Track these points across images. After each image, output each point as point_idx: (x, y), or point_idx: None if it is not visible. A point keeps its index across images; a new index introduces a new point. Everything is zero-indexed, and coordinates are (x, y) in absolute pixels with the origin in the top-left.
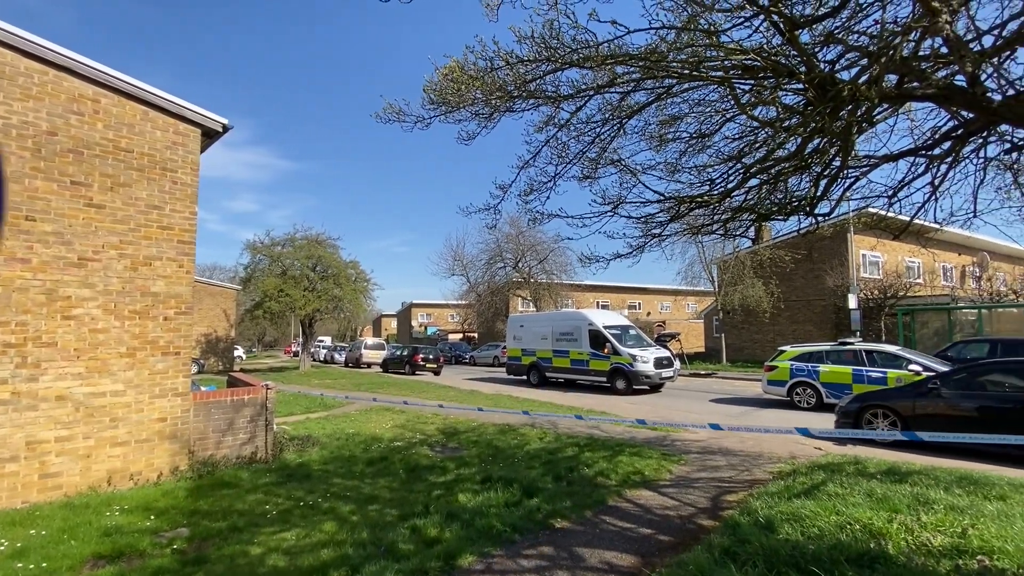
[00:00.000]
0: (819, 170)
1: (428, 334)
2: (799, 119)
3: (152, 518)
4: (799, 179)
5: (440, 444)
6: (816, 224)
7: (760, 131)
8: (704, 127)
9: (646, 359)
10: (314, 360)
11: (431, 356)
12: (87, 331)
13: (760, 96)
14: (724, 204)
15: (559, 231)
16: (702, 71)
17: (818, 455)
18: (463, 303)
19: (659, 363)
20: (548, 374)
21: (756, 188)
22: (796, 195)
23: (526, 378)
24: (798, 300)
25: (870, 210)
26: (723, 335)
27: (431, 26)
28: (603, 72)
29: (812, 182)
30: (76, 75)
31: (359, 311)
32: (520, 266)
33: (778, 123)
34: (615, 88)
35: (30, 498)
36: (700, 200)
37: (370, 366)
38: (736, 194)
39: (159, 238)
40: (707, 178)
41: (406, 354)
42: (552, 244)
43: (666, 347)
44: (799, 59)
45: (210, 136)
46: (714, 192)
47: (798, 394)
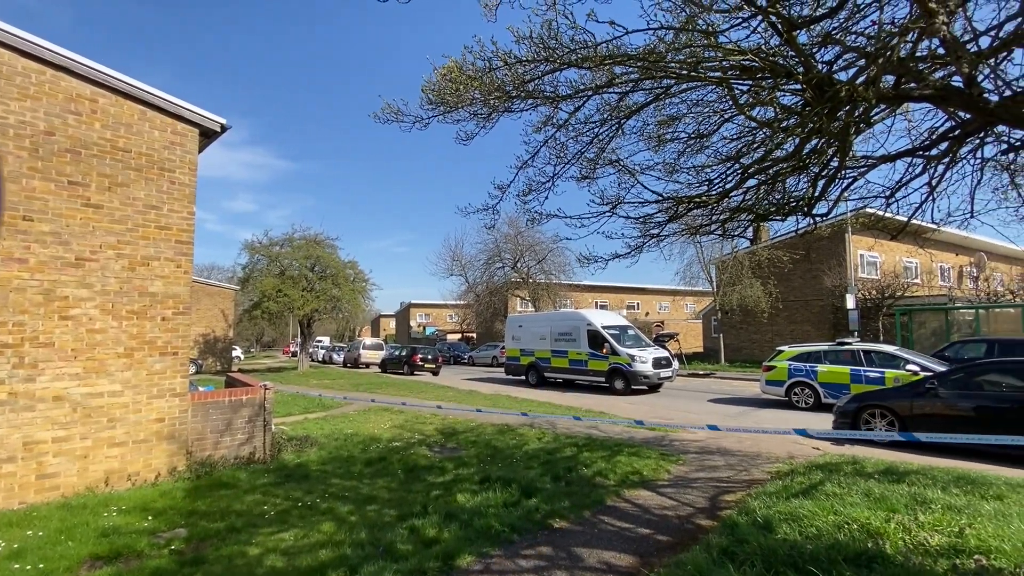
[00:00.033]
0: (817, 170)
1: (427, 334)
2: (797, 119)
3: (150, 519)
4: (797, 179)
5: (439, 444)
6: (814, 224)
7: (758, 131)
8: (702, 127)
9: (644, 359)
10: (312, 360)
11: (430, 356)
12: (84, 331)
13: (758, 96)
14: (722, 204)
15: (557, 231)
16: (700, 71)
17: (816, 455)
18: (462, 303)
19: (657, 363)
20: (547, 374)
21: (754, 188)
22: (794, 195)
23: (525, 378)
24: (796, 300)
25: (868, 210)
26: (721, 335)
27: (430, 26)
28: (601, 72)
29: (810, 182)
30: (74, 75)
31: (357, 311)
32: (519, 266)
33: (776, 123)
34: (613, 88)
35: (27, 499)
36: (698, 200)
37: (368, 366)
38: (734, 194)
39: (157, 238)
40: (705, 178)
41: (404, 354)
42: (551, 244)
43: (664, 347)
44: (797, 60)
45: (208, 136)
46: (712, 192)
47: (796, 394)
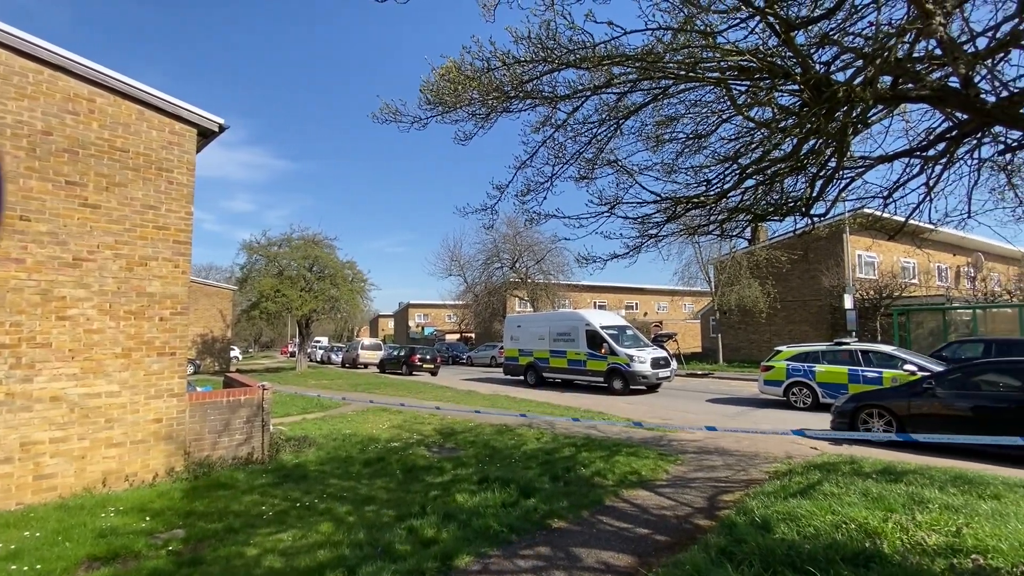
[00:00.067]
0: (815, 171)
1: (425, 334)
2: (795, 120)
3: (147, 519)
4: (795, 180)
5: (437, 444)
6: (812, 225)
7: (756, 132)
8: (700, 128)
9: (643, 359)
10: (311, 361)
11: (428, 356)
12: (82, 332)
13: (756, 97)
14: (720, 205)
15: (556, 231)
16: (698, 72)
17: (814, 455)
18: (460, 303)
19: (656, 363)
20: (545, 374)
21: (752, 189)
22: (792, 196)
23: (523, 378)
24: (794, 300)
25: (865, 211)
26: (720, 335)
27: (431, 26)
28: (600, 73)
29: (808, 183)
30: (71, 74)
31: (356, 311)
32: (517, 266)
33: (774, 124)
34: (612, 89)
35: (24, 499)
36: (696, 201)
37: (367, 366)
38: (732, 195)
39: (155, 238)
40: (703, 179)
41: (403, 354)
42: (549, 244)
43: (663, 347)
44: (795, 60)
45: (206, 136)
46: (710, 193)
47: (794, 394)
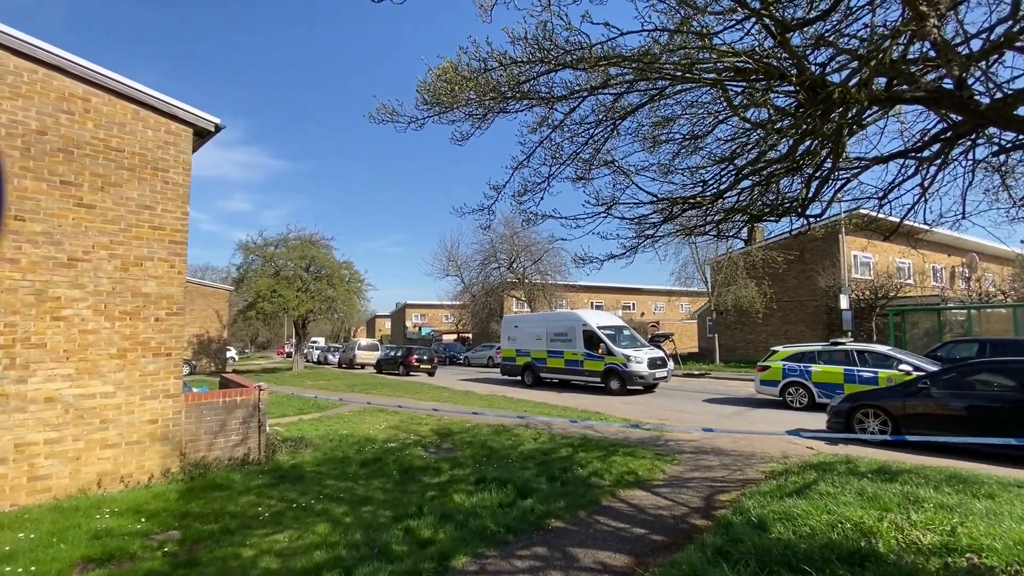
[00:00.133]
0: (810, 171)
1: (422, 335)
2: (790, 121)
3: (143, 521)
4: (791, 180)
5: (434, 445)
6: (808, 225)
7: (752, 133)
8: (697, 129)
9: (640, 359)
10: (307, 361)
11: (425, 357)
12: (77, 332)
13: (752, 98)
14: (717, 205)
15: (553, 232)
16: (695, 73)
17: (810, 454)
18: (457, 304)
19: (653, 363)
20: (542, 374)
21: (748, 189)
22: (788, 196)
23: (520, 379)
24: (790, 301)
25: (861, 211)
26: (716, 335)
27: (432, 26)
28: (596, 73)
29: (804, 183)
30: (66, 74)
31: (353, 312)
32: (514, 267)
33: (770, 125)
34: (609, 89)
35: (19, 501)
36: (693, 201)
37: (364, 367)
38: (729, 195)
39: (150, 238)
40: (700, 179)
41: (400, 355)
42: (546, 245)
43: (660, 347)
44: (790, 62)
45: (202, 135)
46: (707, 193)
47: (790, 394)
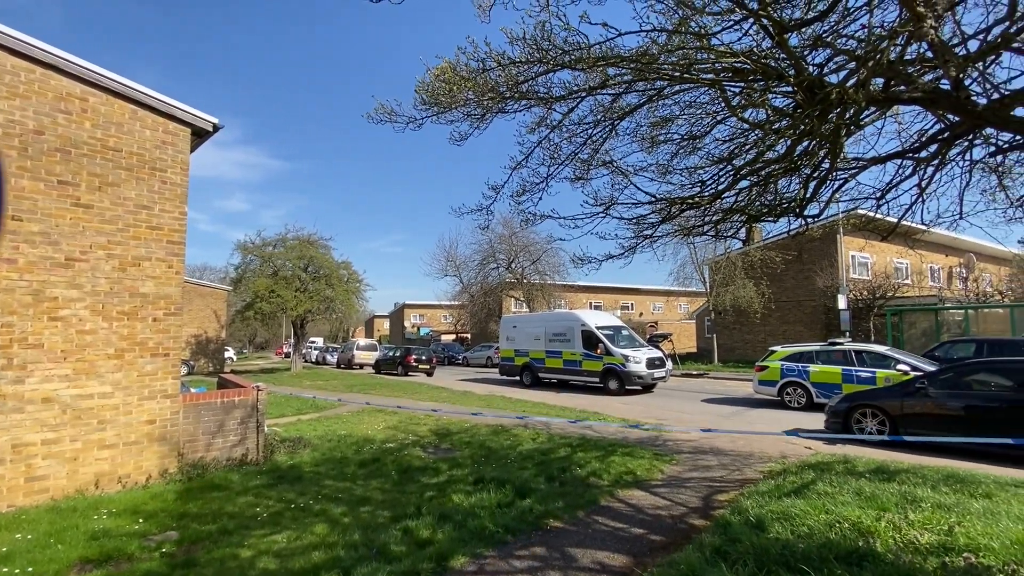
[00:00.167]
0: (808, 172)
1: (421, 335)
2: (788, 121)
3: (141, 521)
4: (789, 181)
5: (433, 445)
6: (806, 225)
7: (750, 133)
8: (695, 129)
9: (638, 359)
10: (306, 361)
11: (424, 357)
12: (74, 332)
13: (750, 98)
14: (715, 205)
15: (552, 232)
16: (693, 73)
17: (808, 454)
18: (456, 304)
19: (651, 363)
20: (541, 375)
21: (746, 190)
22: (786, 197)
23: (519, 379)
24: (788, 301)
25: (859, 212)
26: (715, 335)
27: (431, 26)
28: (595, 74)
29: (802, 184)
30: (64, 73)
31: (351, 312)
32: (513, 267)
33: (768, 125)
34: (607, 90)
35: (16, 502)
36: (691, 201)
37: (362, 367)
38: (727, 196)
39: (148, 238)
40: (698, 180)
41: (399, 355)
42: (545, 245)
43: (658, 347)
44: (788, 62)
45: (200, 135)
46: (705, 193)
47: (788, 394)
